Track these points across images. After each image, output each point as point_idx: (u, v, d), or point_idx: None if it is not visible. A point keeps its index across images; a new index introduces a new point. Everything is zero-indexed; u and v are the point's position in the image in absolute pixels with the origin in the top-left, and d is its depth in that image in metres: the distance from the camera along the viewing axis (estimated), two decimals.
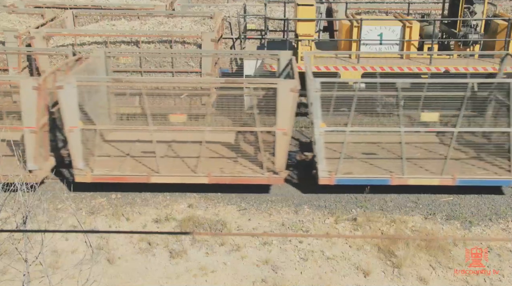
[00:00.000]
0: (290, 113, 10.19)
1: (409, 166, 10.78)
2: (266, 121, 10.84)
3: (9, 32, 13.99)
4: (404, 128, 10.41)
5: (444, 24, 14.97)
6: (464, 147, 11.68)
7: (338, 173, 10.67)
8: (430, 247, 9.47)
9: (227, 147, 11.87)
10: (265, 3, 16.15)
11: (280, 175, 10.73)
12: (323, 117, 10.33)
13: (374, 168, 11.01)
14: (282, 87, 10.06)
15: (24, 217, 7.00)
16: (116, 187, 11.23)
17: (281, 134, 10.34)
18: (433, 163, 11.12)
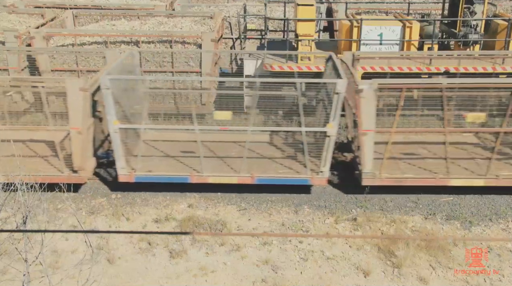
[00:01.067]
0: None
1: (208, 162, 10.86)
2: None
3: (9, 32, 14.00)
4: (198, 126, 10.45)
5: (444, 24, 14.97)
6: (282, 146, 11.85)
7: (138, 171, 10.71)
8: (430, 247, 9.47)
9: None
10: (265, 3, 16.15)
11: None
12: None
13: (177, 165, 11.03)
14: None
15: (24, 217, 7.01)
16: (116, 187, 11.23)
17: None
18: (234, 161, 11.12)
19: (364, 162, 10.47)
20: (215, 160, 11.22)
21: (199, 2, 20.57)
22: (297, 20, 13.89)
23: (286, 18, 15.28)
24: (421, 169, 10.96)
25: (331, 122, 10.19)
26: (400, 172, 10.82)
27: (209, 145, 11.62)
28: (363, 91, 9.92)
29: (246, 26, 16.39)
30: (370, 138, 10.27)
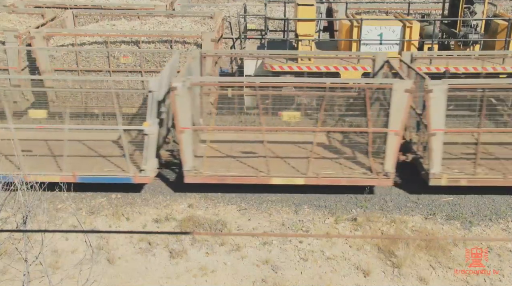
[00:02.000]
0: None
1: None
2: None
3: (9, 32, 14.00)
4: None
5: (444, 24, 14.97)
6: None
7: None
8: (430, 247, 9.47)
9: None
10: (265, 3, 16.14)
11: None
12: None
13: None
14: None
15: (24, 217, 7.01)
16: (116, 187, 11.23)
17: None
18: None
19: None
20: None
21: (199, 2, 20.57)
22: (297, 20, 13.88)
23: (286, 18, 15.27)
24: None
25: (147, 121, 10.34)
26: None
27: None
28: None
29: (246, 26, 16.39)
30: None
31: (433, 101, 10.04)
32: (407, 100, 10.02)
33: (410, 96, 10.02)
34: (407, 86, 9.97)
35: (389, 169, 10.56)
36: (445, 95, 10.00)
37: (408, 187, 11.42)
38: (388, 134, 10.30)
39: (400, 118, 10.15)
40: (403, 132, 10.57)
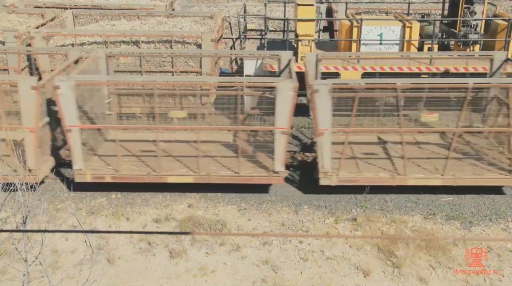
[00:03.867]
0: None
1: None
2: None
3: (9, 32, 14.00)
4: None
5: (444, 24, 14.97)
6: None
7: None
8: (430, 247, 9.47)
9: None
10: (265, 3, 16.15)
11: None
12: None
13: None
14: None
15: (24, 217, 7.01)
16: (116, 187, 11.23)
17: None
18: None
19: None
20: None
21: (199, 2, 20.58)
22: (297, 20, 13.89)
23: (286, 18, 15.27)
24: None
25: None
26: None
27: None
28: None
29: (246, 26, 16.39)
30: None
31: (318, 101, 10.08)
32: (292, 99, 10.05)
33: (294, 96, 10.06)
34: (292, 85, 10.02)
35: (279, 168, 10.60)
36: (330, 95, 10.02)
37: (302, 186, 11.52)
38: (276, 133, 10.35)
39: (286, 117, 10.18)
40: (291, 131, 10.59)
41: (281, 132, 10.33)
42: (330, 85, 10.03)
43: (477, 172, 10.93)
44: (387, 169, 11.01)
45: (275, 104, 10.17)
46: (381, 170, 10.99)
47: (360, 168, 11.09)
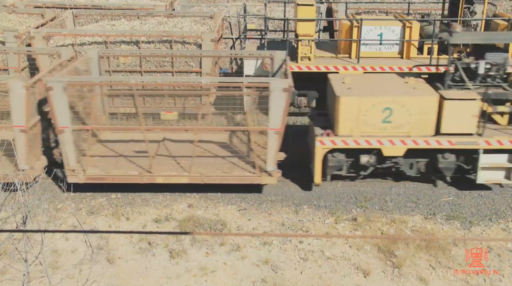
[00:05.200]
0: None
1: None
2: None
3: (9, 32, 13.99)
4: None
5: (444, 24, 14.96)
6: None
7: None
8: (430, 247, 9.47)
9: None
10: (265, 3, 16.14)
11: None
12: None
13: None
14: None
15: (24, 217, 7.01)
16: (116, 187, 11.23)
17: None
18: None
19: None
20: None
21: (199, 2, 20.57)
22: (297, 20, 13.87)
23: (286, 18, 15.27)
24: None
25: None
26: None
27: None
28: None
29: (246, 26, 16.38)
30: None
31: (54, 99, 10.09)
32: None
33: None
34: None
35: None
36: (65, 93, 10.04)
37: None
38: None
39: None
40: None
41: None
42: (65, 82, 10.05)
43: (226, 170, 10.92)
44: (142, 167, 10.95)
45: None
46: (133, 168, 10.92)
47: (118, 166, 11.05)
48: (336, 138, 10.70)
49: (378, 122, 10.58)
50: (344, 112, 10.57)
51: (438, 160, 10.84)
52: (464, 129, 10.59)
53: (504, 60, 11.06)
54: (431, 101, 10.54)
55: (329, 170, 11.00)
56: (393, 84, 11.27)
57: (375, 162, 10.90)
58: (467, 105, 10.47)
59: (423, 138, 10.63)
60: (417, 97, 10.57)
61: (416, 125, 10.60)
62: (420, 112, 10.54)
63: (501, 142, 10.61)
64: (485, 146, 10.64)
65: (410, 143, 10.64)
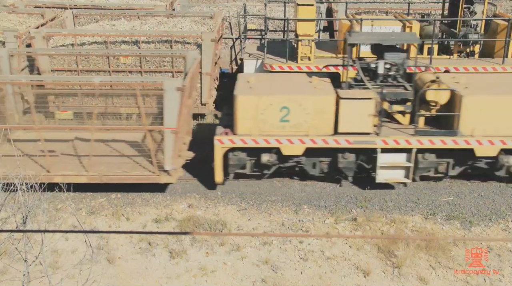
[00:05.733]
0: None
1: None
2: None
3: (9, 32, 13.99)
4: None
5: (444, 24, 14.96)
6: None
7: None
8: (430, 247, 9.47)
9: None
10: (265, 3, 16.15)
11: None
12: None
13: None
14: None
15: (24, 217, 7.01)
16: (116, 187, 11.23)
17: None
18: None
19: None
20: None
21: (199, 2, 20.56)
22: (297, 20, 13.88)
23: (286, 18, 15.27)
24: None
25: None
26: None
27: None
28: None
29: (246, 26, 16.39)
30: None
31: None
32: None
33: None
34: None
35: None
36: None
37: None
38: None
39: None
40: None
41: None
42: None
43: (128, 169, 10.89)
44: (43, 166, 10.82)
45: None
46: (33, 168, 10.76)
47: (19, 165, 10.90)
48: (235, 137, 10.68)
49: (276, 121, 10.57)
50: (242, 111, 10.57)
51: (338, 159, 10.84)
52: (360, 128, 10.60)
53: (403, 60, 11.13)
54: (327, 101, 10.55)
55: (231, 168, 11.00)
56: (295, 84, 11.29)
57: (276, 161, 10.89)
58: (362, 105, 10.48)
59: (322, 138, 10.62)
60: (313, 97, 10.58)
61: (314, 124, 10.60)
62: (317, 112, 10.56)
63: (397, 141, 10.62)
64: (382, 145, 10.65)
65: (308, 142, 10.63)
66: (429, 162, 10.86)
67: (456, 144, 10.66)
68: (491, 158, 10.84)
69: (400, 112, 11.20)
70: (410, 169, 10.85)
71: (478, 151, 10.68)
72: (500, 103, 10.62)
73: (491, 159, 10.86)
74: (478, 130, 10.62)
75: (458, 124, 10.65)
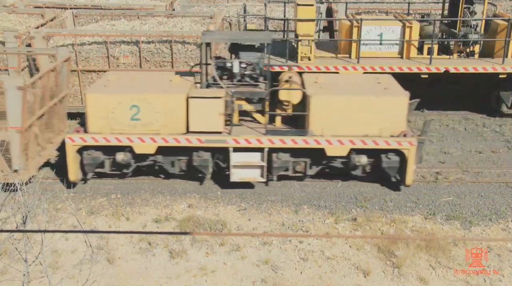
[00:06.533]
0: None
1: None
2: None
3: (9, 32, 13.99)
4: None
5: (444, 24, 14.97)
6: None
7: None
8: (430, 247, 9.47)
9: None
10: (265, 3, 16.16)
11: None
12: None
13: None
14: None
15: (24, 217, 7.01)
16: (116, 187, 11.23)
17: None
18: None
19: None
20: None
21: (199, 2, 20.57)
22: (297, 20, 13.89)
23: (286, 18, 15.27)
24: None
25: None
26: None
27: None
28: None
29: (246, 26, 16.39)
30: None
31: None
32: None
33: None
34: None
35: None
36: None
37: None
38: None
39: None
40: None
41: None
42: None
43: None
44: None
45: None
46: None
47: None
48: (86, 136, 10.66)
49: (126, 120, 10.58)
50: (93, 109, 10.57)
51: (193, 157, 10.84)
52: (211, 127, 10.62)
53: (258, 59, 11.11)
54: (176, 99, 10.57)
55: (87, 167, 11.00)
56: (152, 82, 11.30)
57: (132, 160, 10.88)
58: (211, 104, 10.51)
59: (173, 137, 10.63)
60: (163, 95, 10.61)
61: (166, 123, 10.63)
62: (167, 110, 10.58)
63: (249, 141, 10.66)
64: (234, 144, 10.66)
65: (160, 141, 10.65)
66: (283, 161, 10.89)
67: (306, 143, 10.67)
68: (344, 158, 10.86)
69: (260, 112, 11.18)
70: (264, 168, 10.84)
71: (329, 151, 10.70)
72: (348, 103, 10.62)
73: (345, 159, 10.88)
74: (327, 130, 10.63)
75: (309, 124, 10.66)
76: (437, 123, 14.50)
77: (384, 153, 10.80)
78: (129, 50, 13.98)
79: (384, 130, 10.66)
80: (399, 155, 10.76)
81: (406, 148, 10.59)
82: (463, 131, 14.19)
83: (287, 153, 10.87)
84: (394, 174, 11.01)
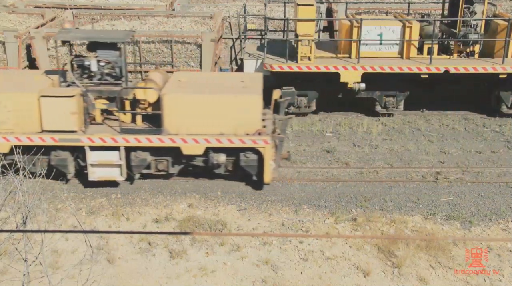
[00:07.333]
0: None
1: None
2: None
3: (9, 32, 14.00)
4: None
5: (444, 24, 14.97)
6: None
7: None
8: (430, 247, 9.47)
9: None
10: (265, 3, 16.14)
11: None
12: None
13: None
14: None
15: (24, 217, 7.01)
16: (117, 187, 11.23)
17: None
18: None
19: None
20: None
21: (199, 2, 20.56)
22: (297, 20, 13.89)
23: (286, 18, 15.27)
24: None
25: None
26: None
27: None
28: None
29: (246, 26, 16.39)
30: None
31: None
32: None
33: None
34: None
35: None
36: None
37: None
38: None
39: None
40: None
41: None
42: None
43: None
44: None
45: None
46: None
47: None
48: None
49: None
50: None
51: (51, 157, 10.79)
52: (65, 126, 10.58)
53: (116, 58, 11.04)
54: (26, 98, 10.53)
55: None
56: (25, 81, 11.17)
57: None
58: (63, 103, 10.47)
59: (27, 135, 10.57)
60: (11, 94, 10.55)
61: (19, 122, 10.57)
62: (18, 109, 10.53)
63: (104, 139, 10.63)
64: (89, 143, 10.62)
65: (13, 140, 10.59)
66: (142, 160, 10.86)
67: (162, 142, 10.65)
68: (203, 156, 10.86)
69: (121, 111, 11.06)
70: (122, 167, 10.82)
71: (185, 149, 10.68)
72: (202, 102, 10.59)
73: (204, 157, 10.87)
74: (183, 128, 10.61)
75: (164, 122, 10.64)
76: (437, 124, 14.51)
77: (242, 152, 10.80)
78: (129, 50, 13.98)
79: (239, 128, 10.62)
80: (257, 154, 10.75)
81: (262, 146, 10.59)
82: (463, 131, 14.19)
83: (146, 151, 10.86)
84: (254, 172, 11.00)
